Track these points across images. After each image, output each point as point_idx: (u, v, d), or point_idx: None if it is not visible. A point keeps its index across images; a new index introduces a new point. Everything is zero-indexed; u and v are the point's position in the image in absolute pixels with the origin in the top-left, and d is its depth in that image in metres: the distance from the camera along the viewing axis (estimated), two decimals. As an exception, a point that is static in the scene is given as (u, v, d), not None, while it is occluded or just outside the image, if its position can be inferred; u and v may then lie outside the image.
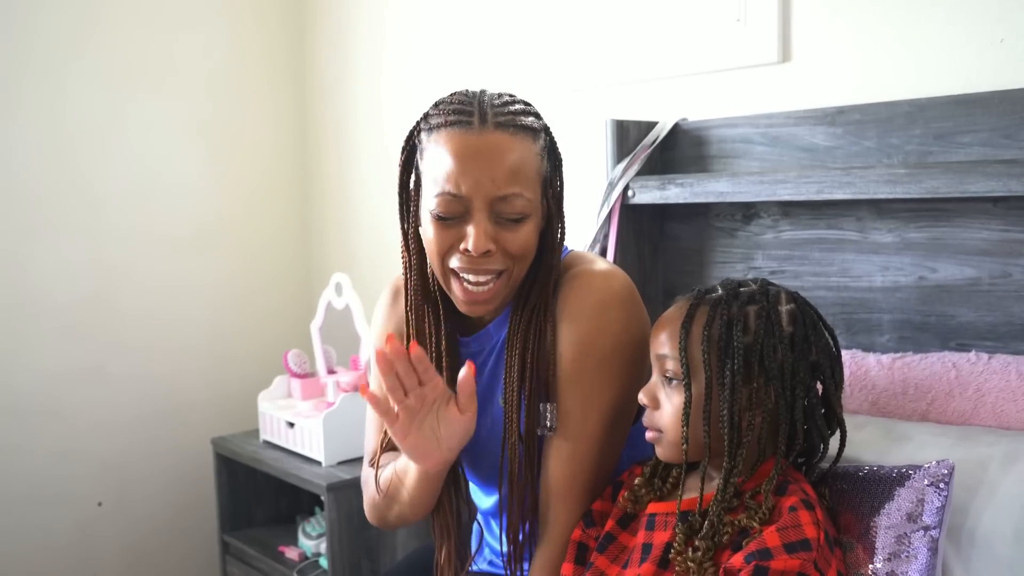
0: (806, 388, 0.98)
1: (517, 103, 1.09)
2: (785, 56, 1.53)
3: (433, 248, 1.09)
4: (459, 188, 1.04)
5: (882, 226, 1.36)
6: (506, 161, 1.04)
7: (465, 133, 1.04)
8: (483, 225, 1.04)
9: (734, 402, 0.95)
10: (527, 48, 1.99)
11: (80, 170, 2.30)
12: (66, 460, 2.32)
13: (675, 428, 0.99)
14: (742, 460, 0.96)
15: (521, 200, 1.05)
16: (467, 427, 1.08)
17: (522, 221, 1.07)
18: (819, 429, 1.00)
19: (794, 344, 0.98)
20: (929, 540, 0.94)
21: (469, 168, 1.03)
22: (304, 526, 2.17)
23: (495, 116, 1.05)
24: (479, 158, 1.03)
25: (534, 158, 1.08)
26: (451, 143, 1.04)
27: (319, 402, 2.17)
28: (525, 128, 1.07)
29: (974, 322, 1.28)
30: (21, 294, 2.24)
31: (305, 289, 2.72)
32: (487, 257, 1.06)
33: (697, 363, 0.98)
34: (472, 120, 1.04)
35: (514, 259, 1.08)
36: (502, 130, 1.04)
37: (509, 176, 1.04)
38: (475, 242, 1.04)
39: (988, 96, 1.24)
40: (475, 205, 1.04)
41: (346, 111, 2.53)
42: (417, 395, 1.05)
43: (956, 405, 1.18)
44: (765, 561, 0.87)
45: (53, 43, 2.24)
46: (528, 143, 1.07)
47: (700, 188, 1.45)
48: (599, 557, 1.04)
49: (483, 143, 1.04)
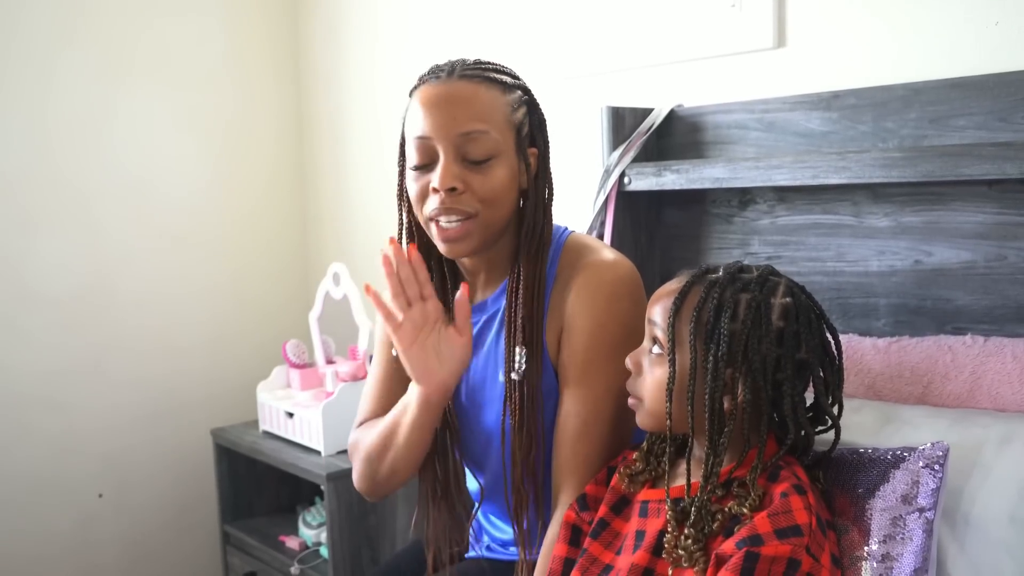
0: (792, 385, 0.96)
1: (491, 64, 1.16)
2: (780, 41, 1.53)
3: (413, 197, 1.16)
4: (425, 131, 1.11)
5: (878, 210, 1.36)
6: (469, 103, 1.11)
7: (434, 85, 1.13)
8: (448, 164, 1.11)
9: (716, 387, 0.95)
10: (522, 36, 1.98)
11: (74, 163, 2.30)
12: (66, 453, 2.33)
13: (652, 398, 1.01)
14: (724, 447, 0.95)
15: (486, 138, 1.11)
16: (465, 350, 1.15)
17: (489, 163, 1.12)
18: (801, 426, 0.97)
19: (782, 339, 0.96)
20: (924, 522, 0.94)
21: (433, 112, 1.11)
22: (304, 516, 2.18)
23: (463, 69, 1.13)
24: (442, 102, 1.11)
25: (503, 105, 1.14)
26: (421, 95, 1.13)
27: (318, 392, 2.18)
28: (493, 80, 1.14)
29: (970, 305, 1.28)
30: (18, 289, 2.24)
31: (303, 279, 2.72)
32: (455, 196, 1.11)
33: (683, 341, 0.98)
34: (441, 74, 1.13)
35: (483, 202, 1.13)
36: (467, 80, 1.12)
37: (470, 115, 1.11)
38: (440, 178, 1.10)
39: (983, 79, 1.24)
40: (441, 146, 1.11)
41: (341, 101, 2.53)
42: (420, 309, 1.13)
43: (952, 388, 1.19)
44: (756, 547, 0.87)
45: (45, 34, 2.23)
46: (495, 92, 1.14)
47: (696, 174, 1.45)
48: (592, 543, 1.05)
49: (448, 89, 1.12)
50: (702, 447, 0.99)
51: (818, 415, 1.02)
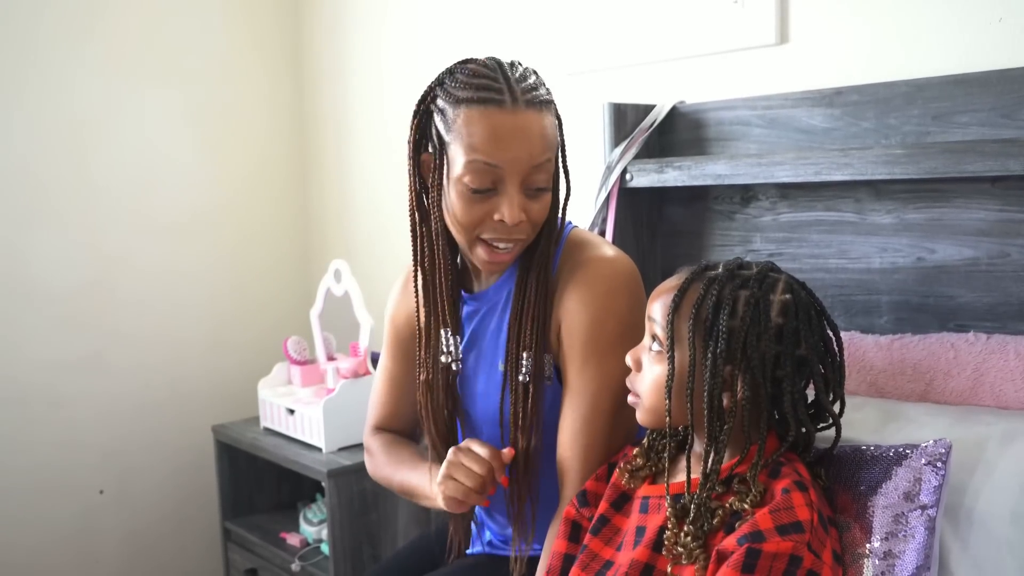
0: (792, 382, 0.96)
1: (531, 75, 1.16)
2: (783, 38, 1.53)
3: (463, 220, 1.15)
4: (496, 160, 1.11)
5: (880, 207, 1.35)
6: (541, 137, 1.13)
7: (503, 112, 1.11)
8: (517, 196, 1.12)
9: (715, 384, 0.95)
10: (524, 32, 1.98)
11: (78, 158, 2.30)
12: (67, 449, 2.33)
13: (650, 395, 1.01)
14: (724, 444, 0.95)
15: (549, 165, 1.15)
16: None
17: (545, 191, 1.16)
18: (802, 423, 0.97)
19: (782, 336, 0.95)
20: (926, 519, 0.94)
21: (508, 143, 1.10)
22: (305, 512, 2.18)
23: (523, 93, 1.12)
24: (518, 134, 1.11)
25: (555, 129, 1.17)
26: (489, 120, 1.10)
27: (319, 389, 2.18)
28: (546, 102, 1.15)
29: (972, 303, 1.28)
30: (20, 283, 2.24)
31: (304, 276, 2.72)
32: (518, 227, 1.14)
33: (682, 338, 0.97)
34: (504, 99, 1.11)
35: (534, 227, 1.17)
36: (534, 109, 1.12)
37: (542, 148, 1.13)
38: (510, 213, 1.12)
39: (986, 76, 1.23)
40: (510, 178, 1.12)
41: (344, 96, 2.52)
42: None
43: (954, 385, 1.18)
44: (758, 543, 0.87)
45: (53, 32, 2.24)
46: (549, 116, 1.16)
47: (698, 171, 1.45)
48: (593, 539, 1.05)
49: (520, 121, 1.11)
50: (702, 443, 0.98)
51: (819, 412, 1.02)
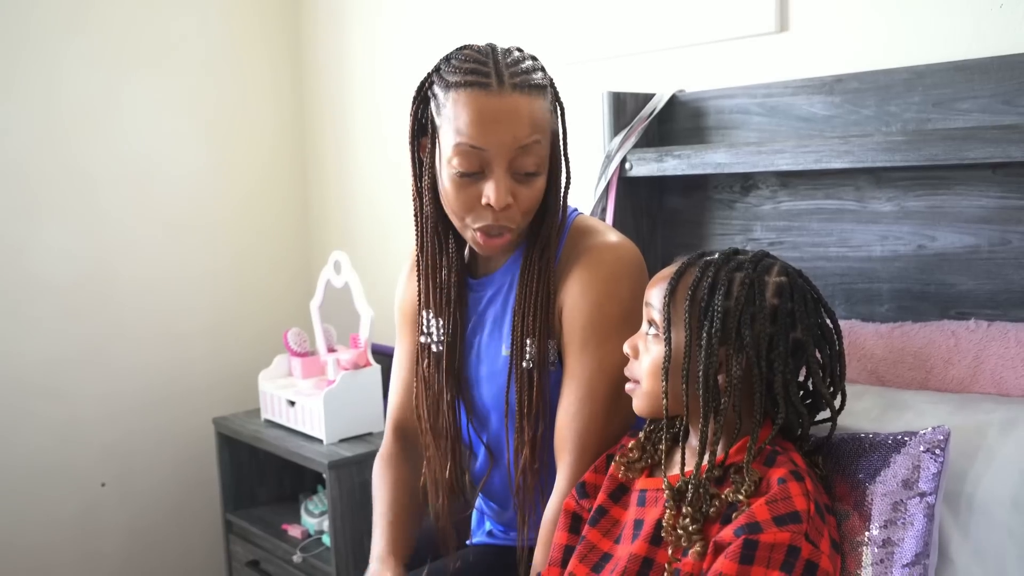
0: (784, 363, 0.96)
1: (526, 59, 1.14)
2: (783, 25, 1.52)
3: (454, 206, 1.15)
4: (480, 143, 1.10)
5: (881, 195, 1.35)
6: (527, 120, 1.11)
7: (488, 95, 1.09)
8: (503, 180, 1.11)
9: (710, 364, 0.95)
10: (523, 21, 1.97)
11: (77, 151, 2.30)
12: (68, 442, 2.33)
13: (648, 378, 1.01)
14: (721, 424, 0.95)
15: (538, 148, 1.13)
16: None
17: (535, 176, 1.14)
18: (795, 407, 0.97)
19: (776, 317, 0.96)
20: (925, 506, 0.94)
21: (491, 127, 1.09)
22: (306, 504, 2.18)
23: (511, 77, 1.10)
24: (501, 117, 1.09)
25: (547, 113, 1.15)
26: (473, 103, 1.10)
27: (319, 380, 2.18)
28: (538, 86, 1.13)
29: (973, 290, 1.27)
30: (20, 277, 2.24)
31: (304, 268, 2.72)
32: (506, 211, 1.13)
33: (679, 320, 0.98)
34: (490, 81, 1.09)
35: (524, 214, 1.16)
36: (521, 93, 1.10)
37: (528, 131, 1.11)
38: (496, 196, 1.11)
39: (987, 62, 1.22)
40: (495, 161, 1.11)
41: (343, 88, 2.52)
42: None
43: (955, 373, 1.18)
44: (755, 535, 0.87)
45: (47, 23, 2.23)
46: (541, 100, 1.13)
47: (698, 159, 1.44)
48: (591, 531, 1.05)
49: (505, 104, 1.09)
50: (697, 432, 0.98)
51: (816, 400, 1.02)
